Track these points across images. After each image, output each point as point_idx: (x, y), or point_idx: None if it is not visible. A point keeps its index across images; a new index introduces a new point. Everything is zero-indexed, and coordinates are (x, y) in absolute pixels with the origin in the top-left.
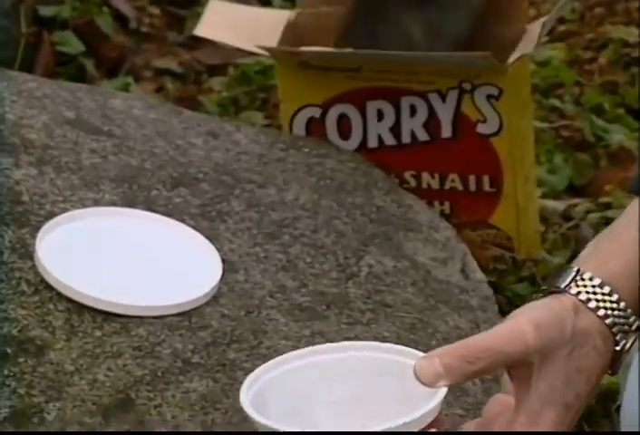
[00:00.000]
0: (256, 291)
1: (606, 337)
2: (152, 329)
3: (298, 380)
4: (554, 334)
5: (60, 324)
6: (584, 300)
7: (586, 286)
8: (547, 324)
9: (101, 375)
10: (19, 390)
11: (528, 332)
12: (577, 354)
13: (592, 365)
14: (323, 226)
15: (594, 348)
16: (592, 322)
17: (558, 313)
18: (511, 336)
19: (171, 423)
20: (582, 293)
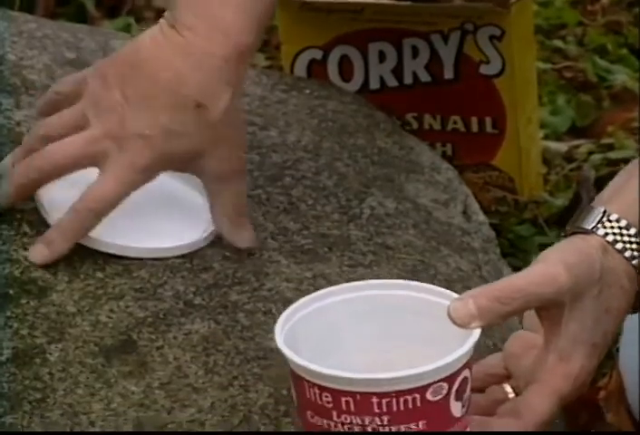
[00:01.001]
0: (258, 233)
1: (632, 278)
2: (154, 271)
3: (331, 316)
4: (584, 275)
5: (62, 266)
6: (611, 241)
7: (613, 228)
8: (577, 265)
9: (104, 317)
10: (21, 331)
11: (560, 273)
12: (606, 294)
13: (619, 305)
14: (324, 168)
15: (621, 288)
16: (619, 262)
17: (587, 253)
18: (544, 278)
19: (173, 365)
20: (609, 234)
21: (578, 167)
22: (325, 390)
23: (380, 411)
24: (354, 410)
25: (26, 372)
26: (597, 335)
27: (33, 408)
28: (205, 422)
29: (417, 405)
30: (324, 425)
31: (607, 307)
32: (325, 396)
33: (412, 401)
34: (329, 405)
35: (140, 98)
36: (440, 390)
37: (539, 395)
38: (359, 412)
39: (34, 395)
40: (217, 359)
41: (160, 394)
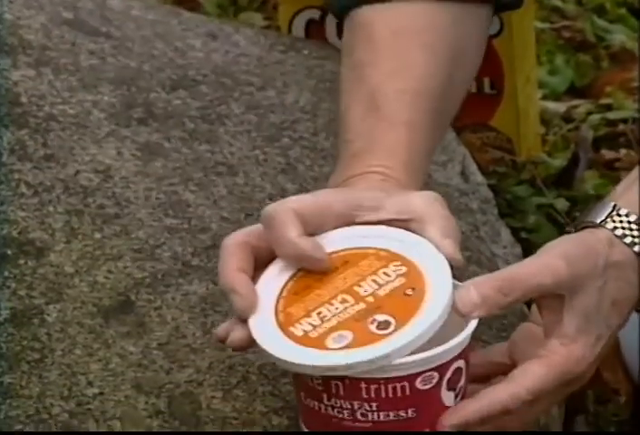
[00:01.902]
0: (256, 194)
1: (637, 271)
2: (152, 232)
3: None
4: (585, 267)
5: (59, 227)
6: (619, 235)
7: (622, 222)
8: (578, 257)
9: (101, 277)
10: (19, 291)
11: (560, 265)
12: (612, 287)
13: (625, 298)
14: (322, 128)
15: (628, 282)
16: (627, 256)
17: (591, 245)
18: (544, 269)
19: (171, 325)
20: (618, 228)
21: (576, 127)
22: (314, 377)
23: (368, 397)
24: (343, 394)
25: (24, 333)
26: (602, 327)
27: (31, 368)
28: (203, 383)
29: (406, 393)
30: (316, 407)
31: (614, 300)
32: (316, 379)
33: (400, 388)
34: (320, 388)
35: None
36: (430, 379)
37: (536, 364)
38: (348, 397)
39: (32, 355)
40: (215, 320)
41: (159, 355)
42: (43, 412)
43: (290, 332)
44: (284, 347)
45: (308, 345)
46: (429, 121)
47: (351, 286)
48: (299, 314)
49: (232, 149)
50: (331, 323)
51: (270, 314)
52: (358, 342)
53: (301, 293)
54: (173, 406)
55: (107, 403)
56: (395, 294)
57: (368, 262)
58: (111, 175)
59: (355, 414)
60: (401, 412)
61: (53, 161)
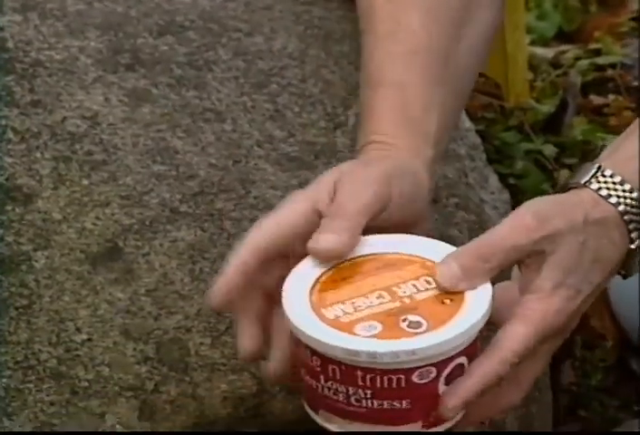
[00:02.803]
0: (244, 141)
1: (622, 232)
2: (140, 178)
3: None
4: (562, 223)
5: (47, 173)
6: (604, 195)
7: (607, 183)
8: (549, 212)
9: (89, 224)
10: (7, 237)
11: (529, 221)
12: (594, 245)
13: (608, 257)
14: (310, 75)
15: (611, 241)
16: (610, 215)
17: (569, 203)
18: (517, 229)
19: (159, 272)
20: (602, 188)
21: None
22: (315, 354)
23: (364, 385)
24: (340, 378)
25: (12, 279)
26: (583, 283)
27: (19, 314)
28: (191, 329)
29: (402, 385)
30: (313, 385)
31: (595, 257)
32: (315, 360)
33: (396, 380)
34: (318, 369)
35: None
36: (427, 374)
37: (515, 324)
38: (344, 382)
39: (21, 301)
40: (203, 266)
41: (147, 301)
42: (31, 358)
43: (321, 313)
44: (312, 324)
45: (336, 328)
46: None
47: (390, 286)
48: (333, 300)
49: (220, 95)
50: (363, 313)
51: (305, 293)
52: (386, 334)
53: (339, 282)
54: (162, 352)
55: (95, 349)
56: (432, 300)
57: (412, 268)
58: (99, 121)
59: (350, 399)
60: (395, 402)
61: (40, 107)
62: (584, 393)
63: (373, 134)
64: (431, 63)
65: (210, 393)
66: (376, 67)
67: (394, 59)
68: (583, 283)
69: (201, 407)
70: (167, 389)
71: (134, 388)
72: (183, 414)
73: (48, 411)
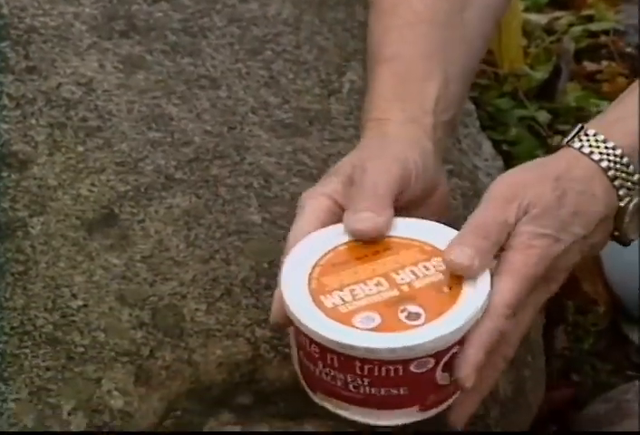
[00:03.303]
0: (239, 107)
1: (607, 189)
2: (135, 145)
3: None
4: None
5: (42, 139)
6: (587, 153)
7: (589, 140)
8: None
9: (85, 190)
10: (3, 204)
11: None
12: (573, 198)
13: (589, 211)
14: (305, 41)
15: (593, 195)
16: (592, 170)
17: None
18: (502, 205)
19: (155, 238)
20: (585, 146)
21: (558, 39)
22: (314, 342)
23: (362, 374)
24: (338, 366)
25: (8, 245)
26: (561, 232)
27: (15, 280)
28: (187, 295)
29: (399, 374)
30: (311, 369)
31: (575, 211)
32: (314, 347)
33: (394, 370)
34: (316, 355)
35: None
36: (425, 364)
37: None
38: (342, 370)
39: (17, 267)
40: (198, 233)
41: (142, 267)
42: (27, 324)
43: (320, 300)
44: (311, 314)
45: (335, 319)
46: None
47: (388, 272)
48: (332, 286)
49: (215, 62)
50: (361, 302)
51: (304, 278)
52: (384, 327)
53: (338, 266)
54: (157, 318)
55: (91, 315)
56: (431, 288)
57: (411, 253)
58: (94, 88)
59: (348, 386)
60: (393, 390)
61: (35, 74)
62: (576, 358)
63: (370, 112)
64: (430, 34)
65: (205, 359)
66: (376, 42)
67: (391, 33)
68: (561, 232)
69: (196, 372)
70: (162, 354)
71: (130, 353)
72: (178, 379)
73: (44, 377)
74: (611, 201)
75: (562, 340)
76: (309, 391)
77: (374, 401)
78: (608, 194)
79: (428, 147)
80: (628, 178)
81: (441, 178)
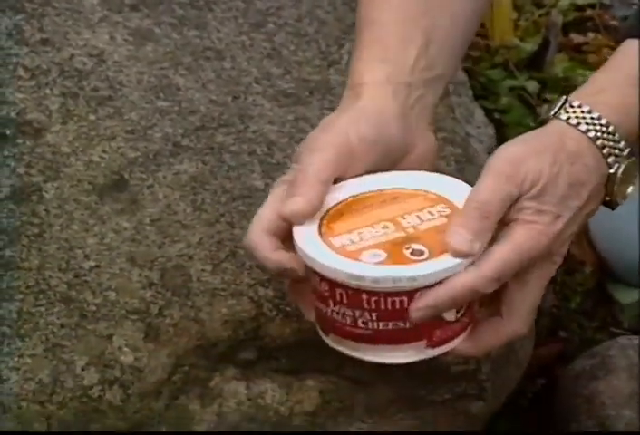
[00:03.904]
0: (243, 78)
1: (597, 158)
2: (144, 113)
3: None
4: (533, 160)
5: (56, 108)
6: (574, 124)
7: (575, 112)
8: (521, 154)
9: (96, 157)
10: (18, 169)
11: (506, 169)
12: (567, 171)
13: (583, 180)
14: (306, 15)
15: (585, 166)
16: (581, 142)
17: (536, 138)
18: (498, 179)
19: (163, 202)
20: (572, 118)
21: (547, 12)
22: (324, 280)
23: (369, 307)
24: (347, 302)
25: (24, 209)
26: (561, 207)
27: (30, 242)
28: (193, 257)
29: (404, 306)
30: (323, 310)
31: (571, 182)
32: (324, 285)
33: (399, 302)
34: (326, 294)
35: None
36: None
37: (496, 245)
38: (350, 305)
39: (32, 230)
40: (204, 197)
41: (151, 230)
42: (42, 284)
43: (329, 241)
44: (320, 251)
45: (343, 255)
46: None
47: (395, 217)
48: (341, 230)
49: (220, 34)
50: (369, 242)
51: (314, 224)
52: (390, 261)
53: (346, 214)
54: (165, 278)
55: (103, 275)
56: (435, 230)
57: (416, 201)
58: (105, 59)
59: (357, 321)
60: (399, 323)
61: (49, 45)
62: (564, 316)
63: (351, 76)
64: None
65: (211, 317)
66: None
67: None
68: (561, 207)
69: (203, 330)
70: (170, 312)
71: (139, 312)
72: (186, 336)
73: (58, 333)
74: (602, 169)
75: (551, 299)
76: (322, 335)
77: (383, 336)
78: (599, 163)
79: (392, 112)
80: (615, 145)
81: (418, 137)
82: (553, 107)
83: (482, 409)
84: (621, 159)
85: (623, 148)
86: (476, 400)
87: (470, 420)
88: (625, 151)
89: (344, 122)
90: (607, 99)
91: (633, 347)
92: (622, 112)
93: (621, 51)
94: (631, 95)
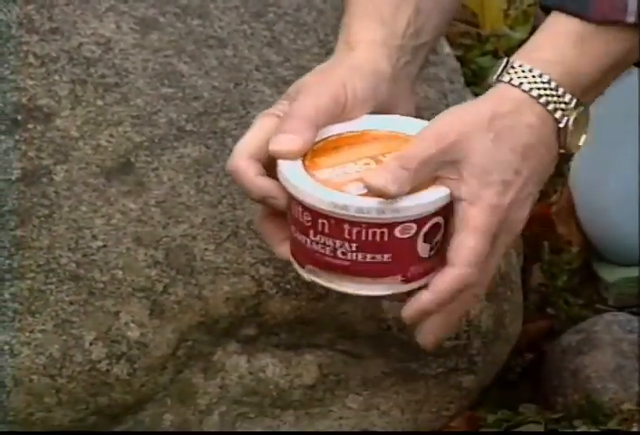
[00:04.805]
0: (244, 65)
1: (543, 117)
2: (149, 99)
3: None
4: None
5: (65, 94)
6: (516, 84)
7: (517, 72)
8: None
9: (104, 141)
10: (29, 153)
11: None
12: (507, 135)
13: (527, 142)
14: (305, 4)
15: (528, 126)
16: (522, 101)
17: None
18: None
19: (168, 185)
20: (514, 79)
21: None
22: (307, 209)
23: (350, 238)
24: (328, 232)
25: (34, 191)
26: (507, 173)
27: (41, 222)
28: (197, 236)
29: (384, 239)
30: (302, 241)
31: (512, 147)
32: (306, 215)
33: (379, 234)
34: (308, 224)
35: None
36: (408, 229)
37: (460, 236)
38: (331, 235)
39: (42, 211)
40: (207, 180)
41: (156, 211)
42: (52, 262)
43: (313, 174)
44: (305, 181)
45: (329, 186)
46: None
47: (376, 155)
48: (324, 164)
49: (222, 23)
50: (352, 176)
51: (298, 159)
52: (373, 195)
53: (330, 151)
54: (170, 257)
55: (110, 255)
56: None
57: (396, 142)
58: (112, 47)
59: (336, 252)
60: (377, 256)
61: (58, 34)
62: (551, 293)
63: (343, 33)
64: None
65: (214, 294)
66: None
67: None
68: (507, 173)
69: (206, 307)
70: (175, 290)
71: (145, 289)
72: (189, 313)
73: (68, 310)
74: (548, 124)
75: (538, 277)
76: (298, 268)
77: (360, 268)
78: (544, 119)
79: (385, 72)
80: (560, 100)
81: (401, 99)
82: (497, 70)
83: (473, 382)
84: (568, 112)
85: (568, 101)
86: (467, 373)
87: (461, 392)
88: (571, 104)
89: (342, 74)
90: (547, 55)
91: (617, 323)
92: (562, 66)
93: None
94: (569, 48)
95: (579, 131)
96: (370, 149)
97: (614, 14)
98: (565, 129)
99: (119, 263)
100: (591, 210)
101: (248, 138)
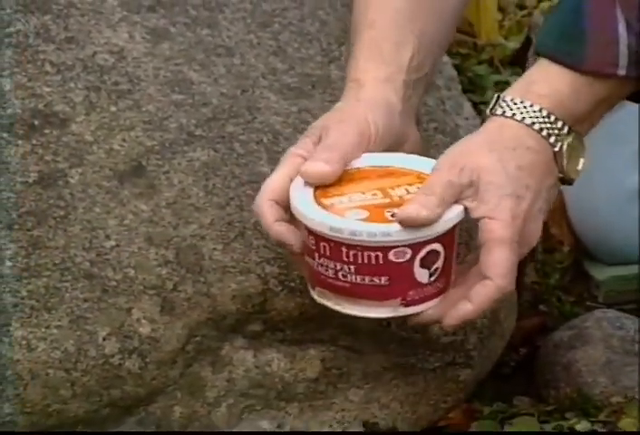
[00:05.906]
0: (251, 73)
1: (538, 140)
2: (160, 106)
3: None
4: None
5: (80, 101)
6: (509, 116)
7: (509, 105)
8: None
9: (117, 145)
10: (46, 157)
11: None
12: (511, 156)
13: (531, 162)
14: (308, 16)
15: (528, 149)
16: (519, 129)
17: (475, 135)
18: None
19: (178, 187)
20: (507, 111)
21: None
22: (311, 233)
23: (348, 260)
24: (329, 254)
25: (50, 193)
26: (518, 187)
27: (57, 223)
28: (206, 237)
29: (379, 262)
30: (310, 263)
31: (518, 165)
32: (311, 239)
33: (374, 257)
34: (313, 247)
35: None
36: (402, 254)
37: (493, 252)
38: (332, 258)
39: (58, 212)
40: (216, 182)
41: (167, 212)
42: (67, 261)
43: (320, 201)
44: (310, 207)
45: (330, 212)
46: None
47: (385, 188)
48: (334, 193)
49: (230, 33)
50: (356, 203)
51: (311, 187)
52: (370, 219)
53: (343, 182)
54: (180, 257)
55: (123, 254)
56: None
57: (408, 178)
58: (124, 56)
59: (338, 274)
60: (375, 278)
61: (74, 43)
62: (544, 291)
63: (350, 73)
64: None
65: (222, 292)
66: (358, 12)
67: (370, 4)
68: (519, 188)
69: (214, 304)
70: (184, 288)
71: (156, 287)
72: (198, 310)
73: (82, 307)
74: (545, 148)
75: (532, 275)
76: (310, 289)
77: (360, 291)
78: (541, 144)
79: (396, 106)
80: (553, 126)
81: (411, 130)
82: (489, 105)
83: (469, 376)
84: (562, 138)
85: (561, 127)
86: (464, 367)
87: (458, 386)
88: (564, 130)
89: (364, 111)
90: (538, 89)
91: (607, 319)
92: (554, 99)
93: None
94: (559, 83)
95: (576, 157)
96: (380, 182)
97: (606, 68)
98: (560, 153)
99: (131, 262)
100: (581, 211)
101: (275, 177)
